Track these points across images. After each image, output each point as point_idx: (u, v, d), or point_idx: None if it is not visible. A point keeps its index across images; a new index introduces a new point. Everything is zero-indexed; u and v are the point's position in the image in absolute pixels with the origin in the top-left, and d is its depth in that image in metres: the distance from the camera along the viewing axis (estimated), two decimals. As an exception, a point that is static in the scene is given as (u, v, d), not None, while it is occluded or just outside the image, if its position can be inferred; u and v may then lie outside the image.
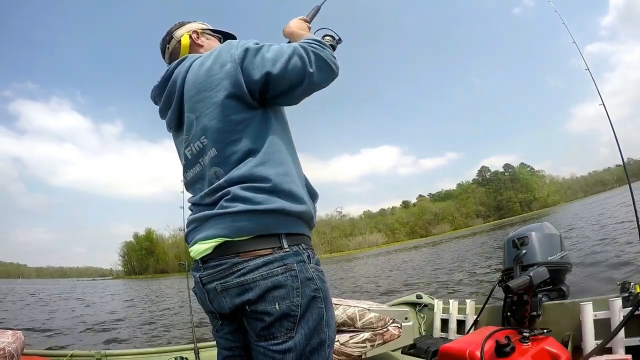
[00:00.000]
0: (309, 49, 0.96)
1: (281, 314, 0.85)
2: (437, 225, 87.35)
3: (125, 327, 8.41)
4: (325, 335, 0.89)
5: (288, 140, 1.03)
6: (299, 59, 0.93)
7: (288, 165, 0.96)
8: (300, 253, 0.90)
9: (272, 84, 0.93)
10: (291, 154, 1.00)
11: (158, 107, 1.13)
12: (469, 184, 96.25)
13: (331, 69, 0.98)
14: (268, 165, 0.91)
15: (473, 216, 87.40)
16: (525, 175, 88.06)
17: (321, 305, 0.90)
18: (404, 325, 1.88)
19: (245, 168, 0.90)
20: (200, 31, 1.21)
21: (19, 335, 1.79)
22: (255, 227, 0.88)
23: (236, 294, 0.87)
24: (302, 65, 0.93)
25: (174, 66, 1.06)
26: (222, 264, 0.88)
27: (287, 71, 0.92)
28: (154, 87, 1.10)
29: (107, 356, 2.39)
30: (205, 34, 1.22)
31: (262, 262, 0.86)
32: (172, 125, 1.10)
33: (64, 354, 2.34)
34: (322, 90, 1.01)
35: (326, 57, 0.97)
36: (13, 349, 1.69)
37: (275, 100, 0.98)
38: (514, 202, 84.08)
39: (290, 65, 0.92)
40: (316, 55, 0.95)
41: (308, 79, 0.93)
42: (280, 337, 0.85)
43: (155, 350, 2.50)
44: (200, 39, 1.20)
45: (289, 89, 0.95)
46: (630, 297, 1.64)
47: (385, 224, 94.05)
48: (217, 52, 0.99)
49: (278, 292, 0.85)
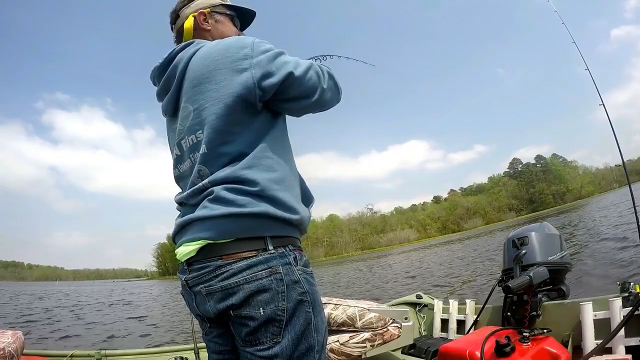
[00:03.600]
0: (323, 68, 0.99)
1: (266, 319, 0.82)
2: (469, 220, 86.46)
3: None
4: (314, 341, 0.86)
5: (284, 146, 0.99)
6: (314, 72, 0.95)
7: (281, 172, 0.92)
8: (286, 255, 0.87)
9: (289, 87, 0.91)
10: (286, 160, 0.96)
11: (156, 89, 1.06)
12: (500, 176, 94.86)
13: (338, 93, 1.02)
14: (256, 169, 0.88)
15: (505, 210, 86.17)
16: (557, 166, 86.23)
17: (309, 310, 0.86)
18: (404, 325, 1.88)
19: (231, 170, 0.87)
20: (208, 12, 1.11)
21: (19, 335, 1.79)
22: (239, 229, 0.85)
23: (220, 299, 0.85)
24: (317, 79, 0.94)
25: (178, 49, 1.00)
26: (206, 267, 0.86)
27: (305, 79, 0.92)
28: (155, 67, 1.04)
29: (107, 356, 2.39)
30: (215, 13, 1.12)
31: (246, 265, 0.83)
32: (168, 112, 1.04)
33: (64, 354, 2.34)
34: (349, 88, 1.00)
35: (337, 81, 1.01)
36: (13, 349, 1.69)
37: (282, 105, 0.95)
38: (547, 195, 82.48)
39: (308, 75, 0.93)
40: (329, 75, 0.99)
41: (319, 94, 0.95)
42: (266, 342, 0.82)
43: (156, 350, 2.50)
44: (208, 22, 1.10)
45: (300, 98, 0.94)
46: (630, 297, 1.64)
47: (417, 220, 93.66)
48: (227, 45, 0.93)
49: (262, 296, 0.82)
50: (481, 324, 2.21)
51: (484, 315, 2.23)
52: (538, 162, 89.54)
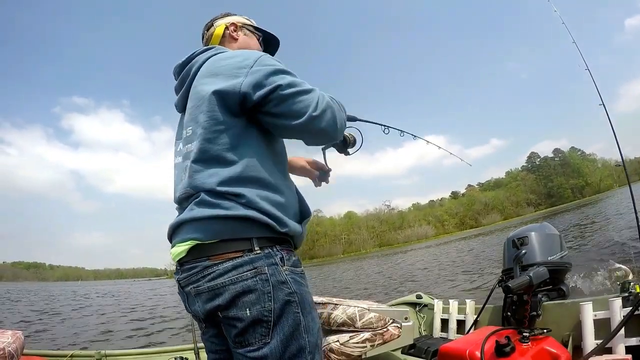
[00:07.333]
0: (327, 100, 0.93)
1: (252, 320, 0.82)
2: (486, 215, 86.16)
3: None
4: (305, 342, 0.85)
5: (279, 161, 0.98)
6: (310, 98, 0.90)
7: (271, 188, 0.91)
8: (272, 255, 0.87)
9: (272, 101, 0.88)
10: (278, 175, 0.95)
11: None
12: (518, 171, 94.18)
13: (333, 130, 0.95)
14: (245, 183, 0.87)
15: (523, 205, 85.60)
16: (576, 159, 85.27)
17: (297, 310, 0.86)
18: (404, 325, 1.87)
19: (219, 179, 0.87)
20: (240, 25, 1.18)
21: (19, 335, 1.79)
22: (226, 230, 0.85)
23: (207, 299, 0.85)
24: (309, 105, 0.89)
25: (199, 52, 1.04)
26: (195, 267, 0.86)
27: (294, 99, 0.89)
28: (177, 64, 1.07)
29: (107, 356, 2.39)
30: (245, 28, 1.19)
31: (232, 266, 0.83)
32: (178, 107, 1.08)
33: (64, 354, 2.34)
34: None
35: (338, 118, 0.95)
36: (13, 349, 1.69)
37: (265, 119, 0.92)
38: (565, 189, 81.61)
39: (300, 97, 0.89)
40: (330, 109, 0.93)
41: (306, 120, 0.89)
42: (255, 343, 0.82)
43: (156, 350, 2.50)
44: (237, 33, 1.17)
45: (283, 116, 0.90)
46: (630, 297, 1.64)
47: (434, 216, 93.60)
48: (236, 54, 0.96)
49: (248, 297, 0.82)
50: (481, 324, 2.21)
51: (484, 315, 2.23)
52: (556, 156, 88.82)
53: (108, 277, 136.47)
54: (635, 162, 77.38)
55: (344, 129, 1.04)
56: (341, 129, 1.00)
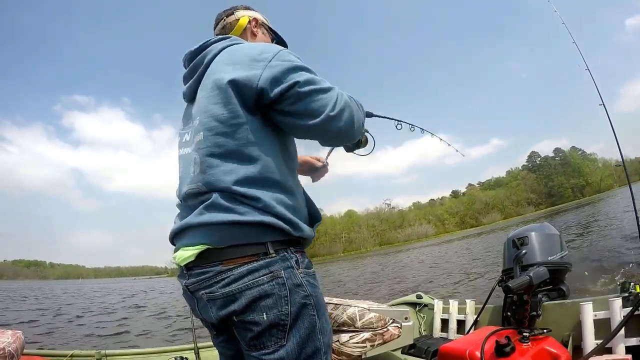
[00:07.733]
0: (346, 99, 0.90)
1: (269, 324, 0.81)
2: (487, 214, 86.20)
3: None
4: (320, 343, 0.85)
5: (292, 166, 0.95)
6: (329, 97, 0.87)
7: (286, 191, 0.88)
8: (287, 258, 0.85)
9: (289, 98, 0.85)
10: (292, 179, 0.92)
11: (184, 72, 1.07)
12: (518, 170, 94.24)
13: (351, 130, 0.93)
14: (261, 186, 0.84)
15: (524, 204, 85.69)
16: (576, 159, 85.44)
17: (313, 313, 0.85)
18: (404, 325, 1.87)
19: (235, 177, 0.83)
20: (260, 22, 1.18)
21: (19, 335, 1.79)
22: (239, 235, 0.82)
23: (222, 305, 0.83)
24: (327, 104, 0.86)
25: (214, 40, 0.99)
26: (206, 272, 0.83)
27: (312, 98, 0.85)
28: (188, 51, 1.02)
29: (107, 356, 2.39)
30: (263, 27, 1.19)
31: (247, 271, 0.81)
32: (187, 96, 1.04)
33: (64, 353, 2.33)
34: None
35: (356, 118, 0.93)
36: (13, 349, 1.69)
37: (279, 118, 0.89)
38: (566, 188, 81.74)
39: (318, 96, 0.86)
40: (348, 108, 0.90)
41: (323, 120, 0.86)
42: (271, 346, 0.81)
43: (155, 350, 2.49)
44: (257, 30, 1.16)
45: (299, 115, 0.86)
46: (630, 297, 1.64)
47: (435, 215, 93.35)
48: (254, 46, 0.93)
49: (265, 301, 0.81)
50: (481, 324, 2.21)
51: (484, 315, 2.23)
52: (557, 155, 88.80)
53: (108, 275, 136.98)
54: (636, 162, 76.91)
55: (362, 130, 1.01)
56: (359, 129, 0.97)
